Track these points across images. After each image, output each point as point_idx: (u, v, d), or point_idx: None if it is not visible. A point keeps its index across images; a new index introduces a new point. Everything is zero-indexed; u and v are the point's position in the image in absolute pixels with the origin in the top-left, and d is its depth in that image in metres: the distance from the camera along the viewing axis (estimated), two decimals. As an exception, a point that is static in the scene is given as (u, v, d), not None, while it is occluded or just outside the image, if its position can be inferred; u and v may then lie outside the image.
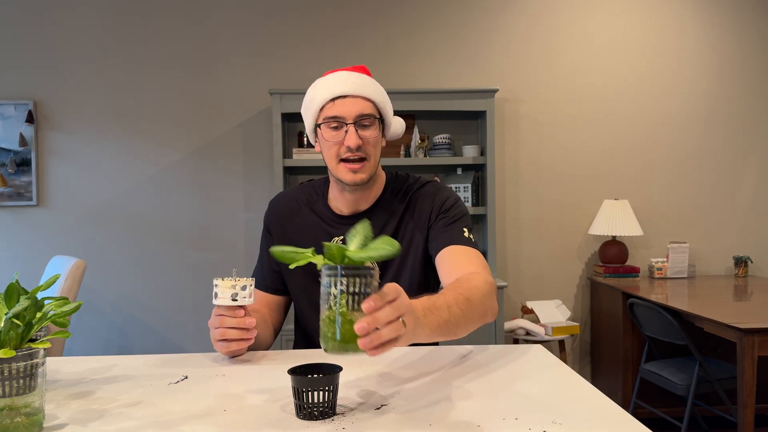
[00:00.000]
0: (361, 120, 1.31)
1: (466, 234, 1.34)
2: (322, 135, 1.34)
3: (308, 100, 1.37)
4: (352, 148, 1.29)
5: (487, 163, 3.25)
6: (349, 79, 1.32)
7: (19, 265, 3.39)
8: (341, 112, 1.30)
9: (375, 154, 1.35)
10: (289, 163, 3.20)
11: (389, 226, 1.39)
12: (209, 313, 1.23)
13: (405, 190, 1.43)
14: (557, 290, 3.58)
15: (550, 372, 1.13)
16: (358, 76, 1.34)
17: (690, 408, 2.69)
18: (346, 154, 1.31)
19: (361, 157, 1.31)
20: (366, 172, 1.33)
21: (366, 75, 1.37)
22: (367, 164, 1.33)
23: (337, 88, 1.31)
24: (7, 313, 0.83)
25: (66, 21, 3.43)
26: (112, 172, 3.46)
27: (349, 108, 1.30)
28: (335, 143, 1.31)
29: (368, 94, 1.32)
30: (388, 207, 1.41)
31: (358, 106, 1.31)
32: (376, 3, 3.51)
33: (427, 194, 1.41)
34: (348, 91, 1.31)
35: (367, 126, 1.32)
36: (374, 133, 1.33)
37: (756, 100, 3.63)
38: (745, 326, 2.27)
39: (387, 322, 0.82)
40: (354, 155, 1.30)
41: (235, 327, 1.17)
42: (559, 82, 3.56)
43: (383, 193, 1.43)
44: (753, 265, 3.60)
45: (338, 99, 1.31)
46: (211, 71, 3.48)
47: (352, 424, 0.86)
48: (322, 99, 1.32)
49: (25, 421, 0.81)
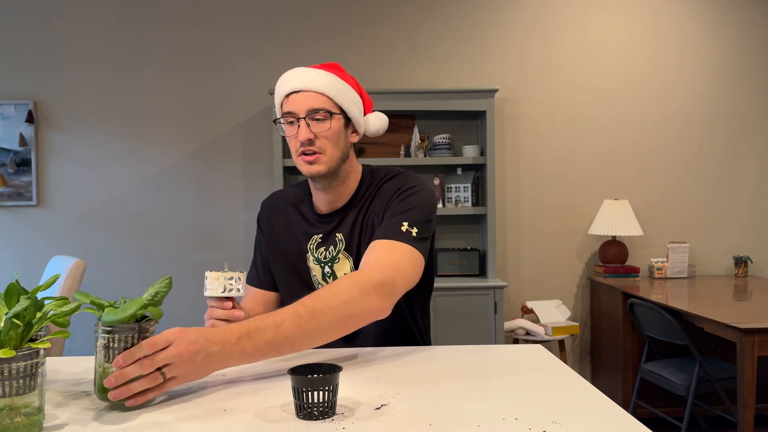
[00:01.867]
0: (313, 114, 1.31)
1: (404, 227, 1.27)
2: (284, 130, 1.36)
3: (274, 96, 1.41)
4: (303, 142, 1.31)
5: (487, 163, 3.25)
6: (302, 74, 1.33)
7: (19, 265, 3.39)
8: (292, 107, 1.32)
9: (332, 149, 1.33)
10: (289, 163, 3.20)
11: (358, 220, 1.39)
12: (209, 313, 1.24)
13: (376, 183, 1.42)
14: (557, 290, 3.58)
15: (550, 372, 1.13)
16: (313, 71, 1.34)
17: (690, 408, 2.69)
18: (300, 148, 1.32)
19: (314, 151, 1.31)
20: (323, 164, 1.32)
21: (332, 72, 1.36)
22: (323, 157, 1.32)
23: (291, 84, 1.33)
24: (7, 313, 0.83)
25: (66, 21, 3.43)
26: (112, 172, 3.46)
27: (299, 103, 1.31)
28: (291, 137, 1.34)
29: (320, 89, 1.31)
30: (360, 201, 1.41)
31: (309, 100, 1.31)
32: (376, 3, 3.51)
33: (389, 185, 1.38)
34: (300, 86, 1.32)
35: (320, 120, 1.31)
36: (327, 127, 1.32)
37: (756, 100, 3.63)
38: (745, 326, 2.27)
39: (138, 376, 0.89)
40: (306, 149, 1.31)
41: (223, 318, 1.19)
42: (559, 82, 3.56)
43: (358, 189, 1.42)
44: (753, 265, 3.60)
45: (292, 94, 1.33)
46: (211, 71, 3.48)
47: (352, 424, 0.86)
48: (280, 95, 1.36)
49: (25, 421, 0.81)
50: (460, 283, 3.15)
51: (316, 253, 1.42)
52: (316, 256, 1.42)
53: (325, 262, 1.41)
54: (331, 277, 1.41)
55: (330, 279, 1.41)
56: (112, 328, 0.92)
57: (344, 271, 1.40)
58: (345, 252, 1.40)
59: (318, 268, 1.42)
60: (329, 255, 1.41)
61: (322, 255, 1.41)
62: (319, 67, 1.37)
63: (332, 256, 1.40)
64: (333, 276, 1.40)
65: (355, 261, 1.39)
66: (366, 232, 1.38)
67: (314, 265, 1.42)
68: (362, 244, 1.38)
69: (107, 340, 0.92)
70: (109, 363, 0.92)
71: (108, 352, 0.92)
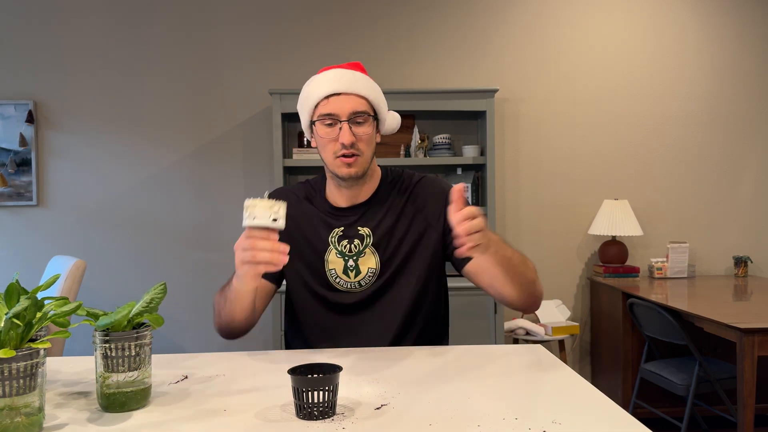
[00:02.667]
0: (355, 117, 1.33)
1: None
2: (317, 132, 1.36)
3: (303, 96, 1.39)
4: (346, 145, 1.32)
5: (487, 163, 3.24)
6: (343, 76, 1.35)
7: (19, 265, 3.39)
8: (335, 109, 1.33)
9: (368, 150, 1.37)
10: (289, 163, 3.20)
11: (388, 217, 1.41)
12: (209, 313, 1.23)
13: (401, 182, 1.46)
14: (557, 290, 3.58)
15: (550, 372, 1.13)
16: (351, 74, 1.36)
17: (690, 408, 2.69)
18: (341, 151, 1.33)
19: (354, 153, 1.33)
20: (359, 166, 1.35)
21: (360, 72, 1.39)
22: (360, 159, 1.35)
23: (332, 86, 1.33)
24: (7, 313, 0.83)
25: (66, 21, 3.42)
26: (112, 172, 3.46)
27: (343, 105, 1.33)
28: (330, 140, 1.34)
29: (362, 92, 1.35)
30: (385, 199, 1.44)
31: (351, 103, 1.33)
32: (376, 3, 3.51)
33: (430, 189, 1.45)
34: (342, 89, 1.33)
35: (360, 123, 1.34)
36: (367, 130, 1.35)
37: (756, 100, 3.63)
38: (745, 326, 2.27)
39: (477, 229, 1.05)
40: (348, 152, 1.33)
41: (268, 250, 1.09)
42: (559, 82, 3.56)
43: (379, 187, 1.45)
44: (753, 265, 3.60)
45: (332, 96, 1.33)
46: (211, 71, 3.48)
47: (352, 424, 0.86)
48: (317, 96, 1.34)
49: (25, 421, 0.81)
50: (460, 283, 3.12)
51: (339, 246, 1.40)
52: (340, 249, 1.40)
53: (350, 256, 1.40)
54: (353, 271, 1.39)
55: (353, 273, 1.39)
56: (110, 337, 0.91)
57: (369, 266, 1.39)
58: (372, 247, 1.40)
59: (340, 262, 1.40)
60: (355, 249, 1.40)
61: (346, 248, 1.40)
62: (345, 66, 1.39)
63: (358, 251, 1.40)
64: (356, 270, 1.39)
65: (381, 258, 1.39)
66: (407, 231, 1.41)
67: (336, 258, 1.40)
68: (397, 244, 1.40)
69: (105, 349, 0.91)
70: (109, 373, 0.91)
71: (107, 362, 0.92)
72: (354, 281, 1.39)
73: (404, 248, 1.40)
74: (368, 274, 1.39)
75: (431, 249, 1.41)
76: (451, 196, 1.07)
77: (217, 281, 3.44)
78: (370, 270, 1.39)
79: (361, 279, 1.39)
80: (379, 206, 1.42)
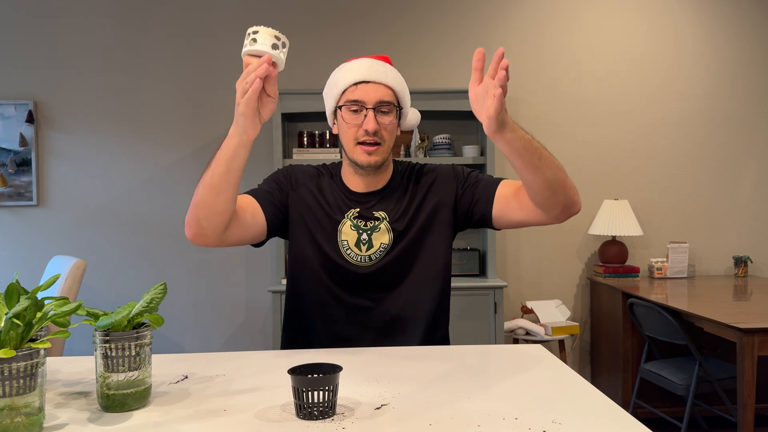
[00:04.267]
0: (381, 106, 1.36)
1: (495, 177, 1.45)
2: (342, 117, 1.38)
3: (331, 83, 1.42)
4: (369, 132, 1.35)
5: (487, 163, 3.25)
6: (372, 65, 1.39)
7: (19, 265, 3.39)
8: (362, 96, 1.36)
9: (390, 140, 1.40)
10: (289, 163, 3.20)
11: (403, 200, 1.45)
12: (209, 313, 1.23)
13: (410, 170, 1.50)
14: (557, 290, 3.58)
15: (550, 372, 1.13)
16: (381, 64, 1.40)
17: (690, 408, 2.69)
18: (363, 137, 1.36)
19: (376, 141, 1.36)
20: (380, 155, 1.38)
21: (389, 64, 1.43)
22: (381, 148, 1.38)
23: (361, 74, 1.37)
24: (7, 313, 0.83)
25: (66, 21, 3.43)
26: (112, 172, 3.46)
27: (371, 93, 1.36)
28: (354, 126, 1.37)
29: (389, 82, 1.38)
30: (398, 186, 1.47)
31: (379, 92, 1.36)
32: (376, 4, 3.52)
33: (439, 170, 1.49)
34: (371, 77, 1.37)
35: (385, 113, 1.37)
36: (391, 120, 1.38)
37: (756, 99, 3.63)
38: (745, 326, 2.27)
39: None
40: (370, 139, 1.35)
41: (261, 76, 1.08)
42: (559, 83, 3.56)
43: (393, 176, 1.48)
44: (753, 265, 3.60)
45: (361, 84, 1.37)
46: (211, 71, 3.48)
47: (352, 424, 0.86)
48: (346, 82, 1.38)
49: (25, 421, 0.81)
50: (460, 283, 3.14)
51: (354, 220, 1.42)
52: (355, 223, 1.42)
53: (365, 230, 1.41)
54: (366, 245, 1.40)
55: (365, 247, 1.40)
56: (110, 337, 0.91)
57: (381, 240, 1.41)
58: (388, 223, 1.42)
59: (354, 234, 1.41)
60: (370, 224, 1.42)
61: (362, 223, 1.42)
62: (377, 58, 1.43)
63: (373, 226, 1.42)
64: (369, 244, 1.41)
65: (395, 234, 1.41)
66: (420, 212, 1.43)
67: (350, 230, 1.41)
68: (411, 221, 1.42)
69: (105, 349, 0.91)
70: (109, 373, 0.92)
71: (107, 362, 0.92)
72: (365, 255, 1.41)
73: (417, 225, 1.43)
74: (380, 249, 1.41)
75: (445, 227, 1.44)
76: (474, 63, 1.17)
77: (217, 281, 3.46)
78: (382, 245, 1.41)
79: (372, 253, 1.41)
80: (393, 193, 1.46)
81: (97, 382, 0.93)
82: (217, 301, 3.44)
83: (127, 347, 0.92)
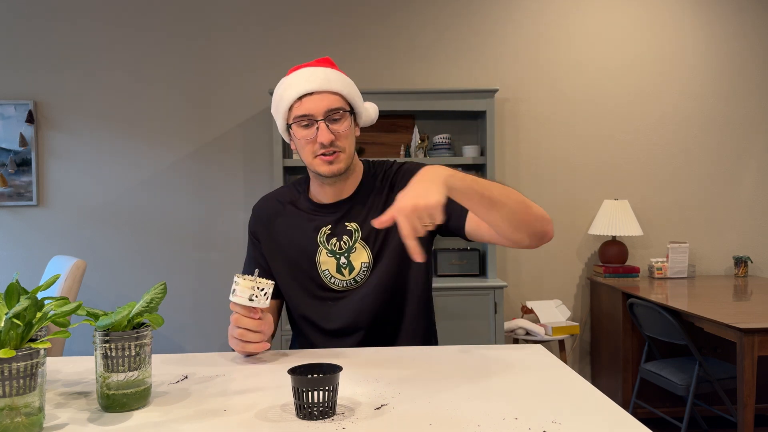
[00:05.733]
0: (331, 115, 1.31)
1: None
2: (295, 134, 1.34)
3: (276, 100, 1.37)
4: (325, 144, 1.30)
5: (487, 163, 3.25)
6: (313, 74, 1.32)
7: (19, 265, 3.39)
8: (310, 109, 1.31)
9: (349, 146, 1.35)
10: (289, 163, 3.20)
11: (376, 207, 1.40)
12: (209, 313, 1.24)
13: (383, 173, 1.45)
14: (557, 290, 3.58)
15: (550, 372, 1.13)
16: (322, 71, 1.33)
17: (690, 408, 2.69)
18: (320, 150, 1.31)
19: (334, 151, 1.32)
20: (342, 162, 1.34)
21: (331, 67, 1.37)
22: (342, 155, 1.33)
23: (303, 86, 1.31)
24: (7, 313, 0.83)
25: (66, 21, 3.43)
26: (112, 172, 3.46)
27: (318, 104, 1.30)
28: (308, 141, 1.32)
29: (335, 88, 1.32)
30: (369, 192, 1.42)
31: (325, 101, 1.31)
32: (376, 4, 3.51)
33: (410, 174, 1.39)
34: (314, 88, 1.31)
35: (337, 120, 1.32)
36: (345, 126, 1.33)
37: (756, 99, 3.63)
38: (745, 326, 2.27)
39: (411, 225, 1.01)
40: (328, 150, 1.31)
41: (250, 329, 1.18)
42: (559, 82, 3.56)
43: (363, 180, 1.44)
44: (753, 265, 3.60)
45: (305, 97, 1.31)
46: (211, 71, 3.48)
47: (352, 424, 0.86)
48: (290, 98, 1.32)
49: (25, 421, 0.81)
50: (460, 283, 3.14)
51: (328, 245, 1.39)
52: (330, 248, 1.39)
53: (341, 253, 1.38)
54: (347, 268, 1.38)
55: (346, 270, 1.38)
56: (110, 337, 0.91)
57: (361, 260, 1.38)
58: (362, 241, 1.38)
59: (332, 261, 1.38)
60: (344, 245, 1.38)
61: (336, 246, 1.38)
62: (315, 63, 1.37)
63: (348, 246, 1.38)
64: (349, 267, 1.38)
65: (372, 250, 1.38)
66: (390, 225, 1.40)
67: (328, 258, 1.38)
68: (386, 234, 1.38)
69: (105, 349, 0.91)
70: (109, 373, 0.92)
71: (107, 362, 0.92)
72: (349, 279, 1.38)
73: (394, 236, 1.38)
74: (362, 269, 1.38)
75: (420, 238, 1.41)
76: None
77: (217, 281, 3.46)
78: (363, 265, 1.38)
79: (356, 275, 1.38)
80: (364, 200, 1.41)
81: (97, 382, 0.93)
82: (218, 302, 3.44)
83: (127, 347, 0.92)
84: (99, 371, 0.92)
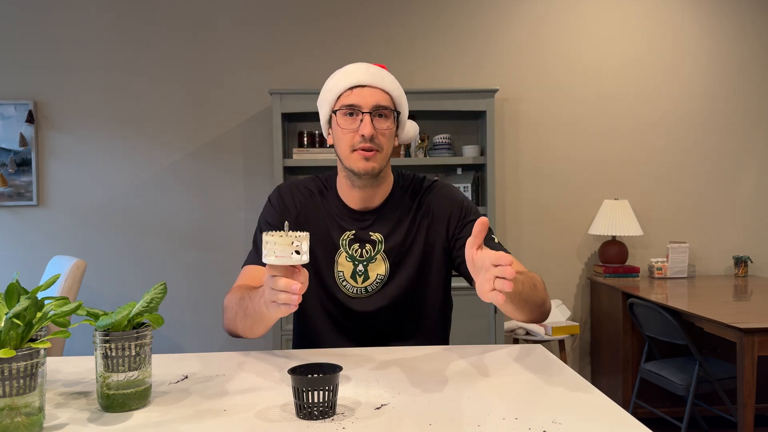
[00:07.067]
0: (378, 111, 1.31)
1: (496, 240, 1.40)
2: (337, 122, 1.33)
3: (326, 89, 1.36)
4: (366, 137, 1.29)
5: (487, 163, 3.24)
6: (368, 69, 1.33)
7: (19, 265, 3.39)
8: (358, 101, 1.31)
9: (387, 147, 1.34)
10: (290, 163, 3.20)
11: (403, 223, 1.40)
12: (209, 313, 1.23)
13: (413, 188, 1.44)
14: (557, 290, 3.58)
15: (550, 372, 1.13)
16: (377, 69, 1.35)
17: (690, 408, 2.69)
18: (360, 144, 1.30)
19: (372, 147, 1.30)
20: (378, 161, 1.31)
21: (385, 71, 1.38)
22: (379, 155, 1.32)
23: (357, 78, 1.32)
24: (7, 313, 0.83)
25: (66, 21, 3.42)
26: (112, 172, 3.46)
27: (367, 98, 1.31)
28: (350, 131, 1.31)
29: (386, 87, 1.33)
30: (398, 206, 1.41)
31: (375, 96, 1.31)
32: (376, 4, 3.51)
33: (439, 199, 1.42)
34: (367, 81, 1.31)
35: (382, 117, 1.32)
36: (389, 125, 1.33)
37: (756, 99, 3.63)
38: (745, 326, 2.27)
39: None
40: (367, 145, 1.30)
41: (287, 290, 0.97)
42: (559, 82, 3.56)
43: (393, 190, 1.42)
44: (753, 265, 3.60)
45: (356, 88, 1.32)
46: (211, 71, 3.48)
47: (352, 424, 0.86)
48: (341, 87, 1.32)
49: (25, 421, 0.81)
50: (460, 283, 3.13)
51: (349, 249, 1.38)
52: (350, 253, 1.38)
53: (360, 261, 1.37)
54: (362, 276, 1.37)
55: (360, 278, 1.37)
56: (110, 337, 0.91)
57: (378, 272, 1.37)
58: (384, 253, 1.38)
59: (349, 265, 1.37)
60: (366, 254, 1.38)
61: (357, 252, 1.38)
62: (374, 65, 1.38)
63: (369, 256, 1.38)
64: (365, 276, 1.37)
65: (392, 264, 1.38)
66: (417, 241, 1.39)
67: (346, 261, 1.38)
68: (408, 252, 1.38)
69: (105, 349, 0.92)
70: (109, 373, 0.92)
71: (107, 362, 0.92)
72: (361, 287, 1.38)
73: (414, 257, 1.39)
74: (376, 281, 1.38)
75: (440, 259, 1.42)
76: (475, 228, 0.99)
77: (216, 281, 3.46)
78: (378, 276, 1.38)
79: (369, 285, 1.38)
80: (392, 212, 1.40)
81: (97, 382, 0.93)
82: (217, 302, 3.44)
83: (127, 347, 0.92)
84: (99, 371, 0.92)
